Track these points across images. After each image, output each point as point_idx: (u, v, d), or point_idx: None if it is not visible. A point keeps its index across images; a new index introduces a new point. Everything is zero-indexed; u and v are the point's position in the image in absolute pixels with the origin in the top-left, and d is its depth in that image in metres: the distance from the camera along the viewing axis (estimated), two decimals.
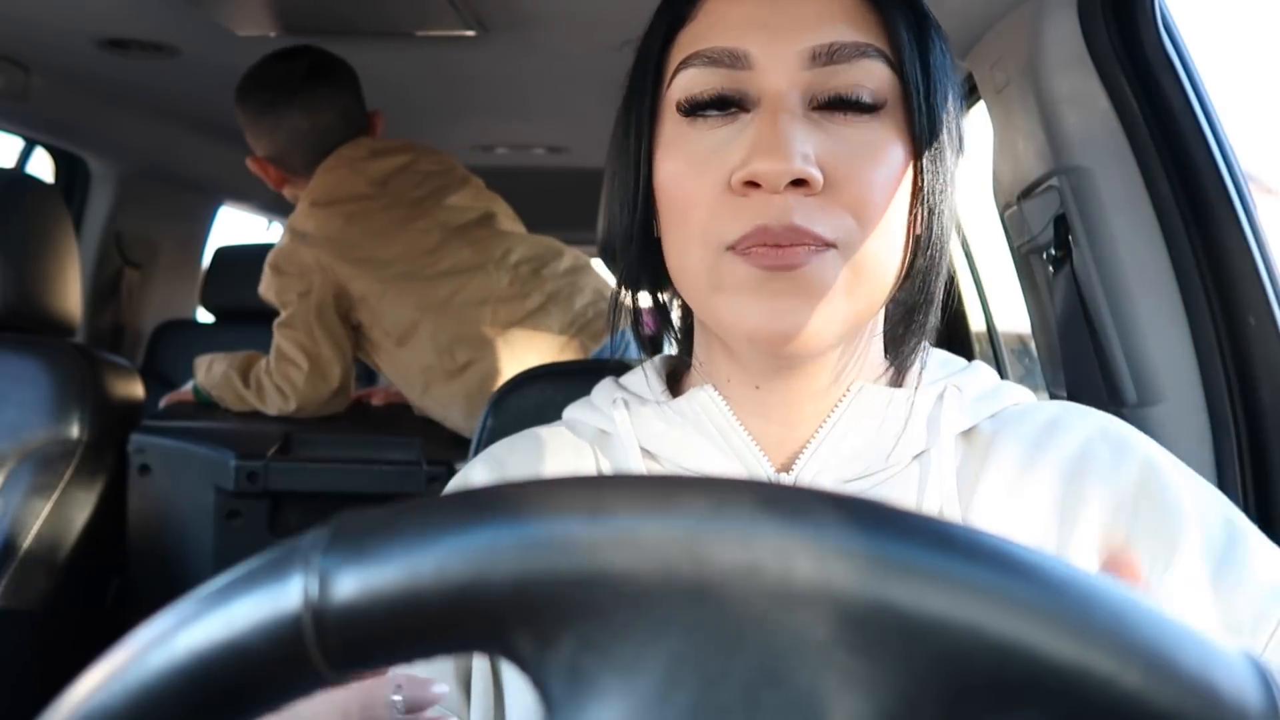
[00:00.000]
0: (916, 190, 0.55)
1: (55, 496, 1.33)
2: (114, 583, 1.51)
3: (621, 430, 0.60)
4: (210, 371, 1.64)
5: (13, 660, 1.30)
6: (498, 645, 0.25)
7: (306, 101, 1.54)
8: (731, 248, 0.52)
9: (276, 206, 3.11)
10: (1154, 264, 0.94)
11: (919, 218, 0.55)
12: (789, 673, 0.23)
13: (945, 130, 0.55)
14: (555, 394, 0.95)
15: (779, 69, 0.53)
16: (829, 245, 0.52)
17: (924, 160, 0.54)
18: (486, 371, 1.52)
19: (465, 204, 1.64)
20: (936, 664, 0.23)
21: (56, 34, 1.56)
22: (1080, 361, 1.00)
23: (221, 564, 0.27)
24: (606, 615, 0.24)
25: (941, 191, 0.55)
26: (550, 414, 0.74)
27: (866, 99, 0.53)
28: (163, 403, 1.74)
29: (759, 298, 0.52)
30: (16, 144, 2.13)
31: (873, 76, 0.53)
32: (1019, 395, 0.61)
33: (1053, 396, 1.14)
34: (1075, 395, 1.02)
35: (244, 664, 0.25)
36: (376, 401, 1.86)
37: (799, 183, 0.51)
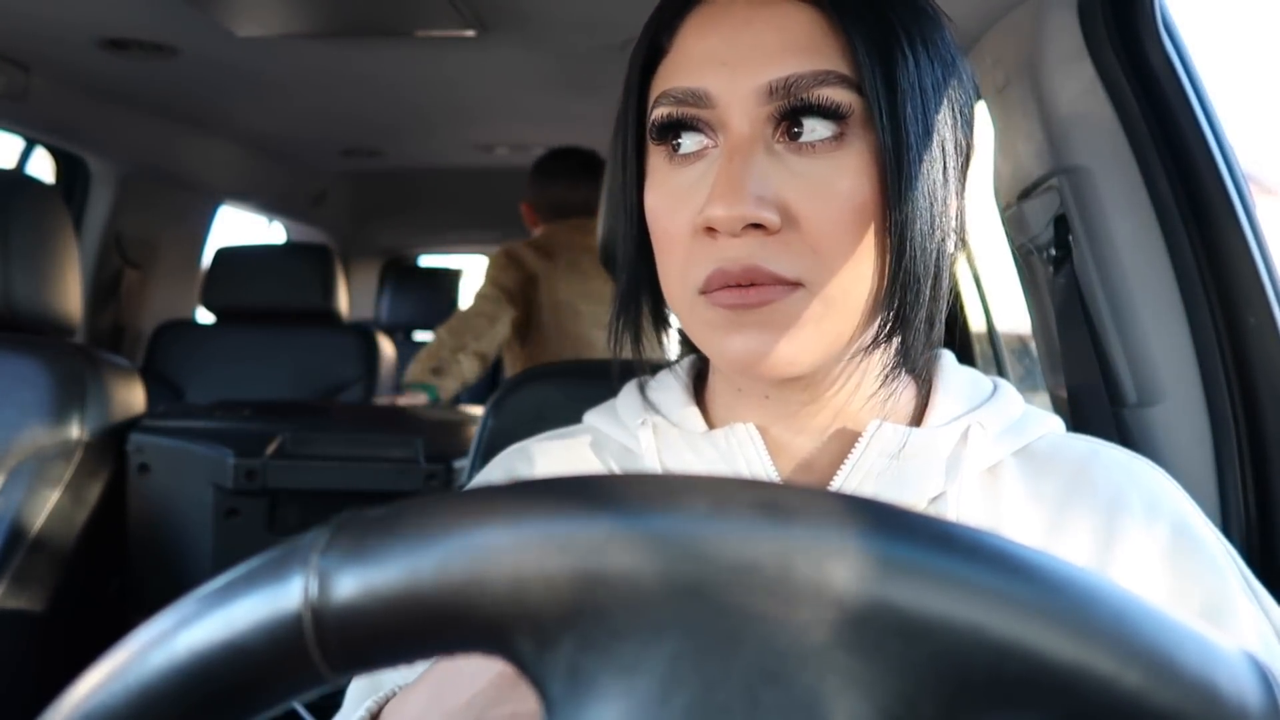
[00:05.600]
0: (884, 219, 0.52)
1: (56, 496, 1.33)
2: (114, 582, 1.51)
3: (647, 456, 0.60)
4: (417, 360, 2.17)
5: (13, 660, 1.30)
6: (498, 645, 0.25)
7: (570, 181, 2.23)
8: (702, 291, 0.53)
9: (276, 206, 3.11)
10: (1154, 264, 0.94)
11: (889, 247, 0.52)
12: (789, 673, 0.23)
13: (920, 150, 0.52)
14: (555, 394, 0.95)
15: (737, 107, 0.52)
16: (794, 285, 0.52)
17: (890, 187, 0.52)
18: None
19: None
20: (936, 664, 0.23)
21: (56, 34, 1.56)
22: (1080, 361, 1.00)
23: (221, 562, 0.27)
24: (606, 615, 0.24)
25: (913, 219, 0.52)
26: (550, 414, 0.74)
27: (825, 130, 0.52)
28: (394, 400, 2.14)
29: (729, 332, 0.53)
30: (16, 144, 2.13)
31: (833, 104, 0.52)
32: (1046, 426, 0.60)
33: (1053, 397, 1.14)
34: (1075, 395, 1.02)
35: (244, 664, 0.25)
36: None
37: (758, 225, 0.51)
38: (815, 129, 0.52)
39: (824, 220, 0.51)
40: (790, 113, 0.52)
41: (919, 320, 0.54)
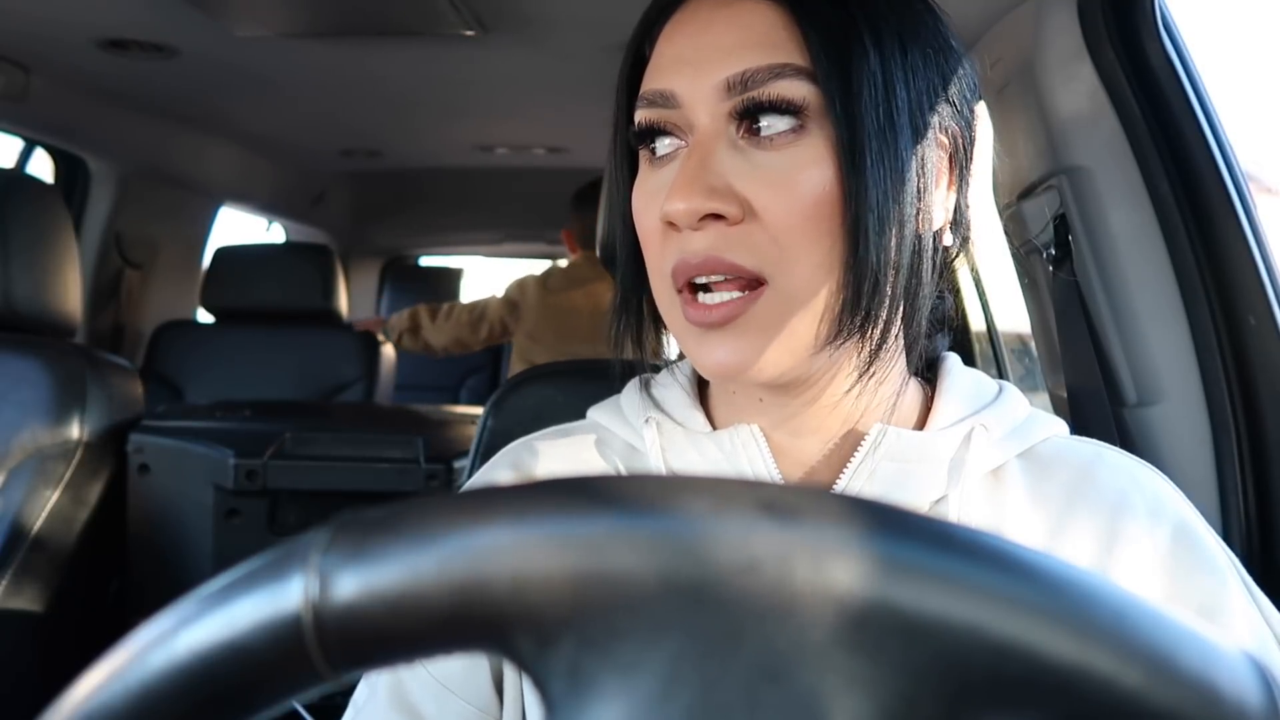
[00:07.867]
0: (845, 211, 0.52)
1: (55, 496, 1.33)
2: (114, 582, 1.51)
3: (652, 454, 0.61)
4: (400, 314, 2.53)
5: (13, 660, 1.30)
6: (498, 645, 0.25)
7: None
8: (677, 290, 0.54)
9: (276, 207, 3.11)
10: (1154, 264, 0.94)
11: (853, 240, 0.52)
12: (789, 672, 0.23)
13: (883, 141, 0.52)
14: (555, 394, 0.95)
15: (700, 104, 0.53)
16: (757, 282, 0.52)
17: (849, 178, 0.51)
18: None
19: None
20: (936, 663, 0.23)
21: (56, 34, 1.56)
22: (1080, 361, 1.00)
23: (221, 563, 0.27)
24: (607, 615, 0.24)
25: (872, 209, 0.51)
26: (550, 414, 0.74)
27: (783, 124, 0.52)
28: (357, 327, 2.55)
29: (701, 343, 0.54)
30: (16, 144, 2.13)
31: (785, 100, 0.52)
32: (1051, 429, 0.60)
33: (1053, 396, 1.14)
34: (1075, 395, 1.02)
35: (244, 664, 0.25)
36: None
37: (718, 216, 0.52)
38: (773, 123, 0.52)
39: (783, 212, 0.52)
40: (748, 110, 0.53)
41: (884, 316, 0.53)
